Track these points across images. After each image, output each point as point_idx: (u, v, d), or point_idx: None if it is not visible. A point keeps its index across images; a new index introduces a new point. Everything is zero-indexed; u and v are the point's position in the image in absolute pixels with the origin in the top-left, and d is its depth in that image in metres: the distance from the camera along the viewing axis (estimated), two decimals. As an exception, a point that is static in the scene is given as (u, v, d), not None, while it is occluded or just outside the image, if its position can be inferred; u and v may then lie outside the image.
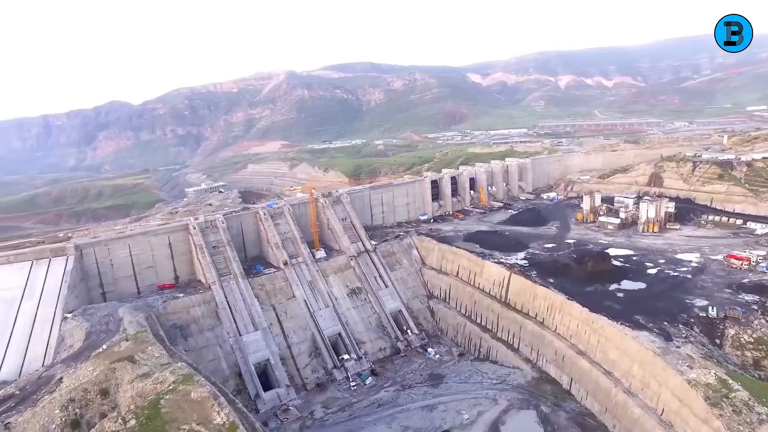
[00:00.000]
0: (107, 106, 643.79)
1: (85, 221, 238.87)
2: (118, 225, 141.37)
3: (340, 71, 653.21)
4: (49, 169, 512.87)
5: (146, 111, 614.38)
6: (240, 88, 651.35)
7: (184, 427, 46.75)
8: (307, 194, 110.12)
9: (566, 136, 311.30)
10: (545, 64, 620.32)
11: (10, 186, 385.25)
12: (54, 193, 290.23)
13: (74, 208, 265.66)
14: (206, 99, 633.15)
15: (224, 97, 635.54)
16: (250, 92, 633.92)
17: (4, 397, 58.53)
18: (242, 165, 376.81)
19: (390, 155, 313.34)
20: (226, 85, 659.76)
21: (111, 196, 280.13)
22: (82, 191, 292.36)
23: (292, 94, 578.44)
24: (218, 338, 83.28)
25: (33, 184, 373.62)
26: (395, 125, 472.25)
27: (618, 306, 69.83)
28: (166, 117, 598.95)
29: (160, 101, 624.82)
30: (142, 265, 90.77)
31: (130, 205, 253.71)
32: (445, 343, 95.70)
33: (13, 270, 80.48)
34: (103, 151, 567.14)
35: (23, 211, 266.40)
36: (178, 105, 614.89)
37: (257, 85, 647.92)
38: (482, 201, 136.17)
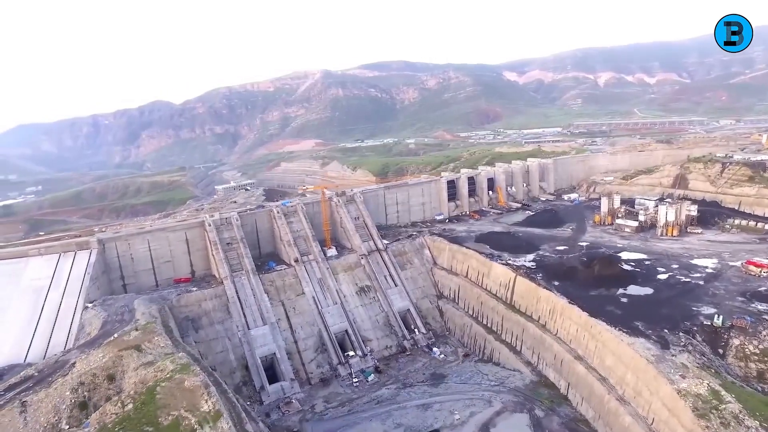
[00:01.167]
0: (150, 106, 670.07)
1: (124, 216, 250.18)
2: (148, 221, 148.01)
3: (375, 70, 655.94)
4: (97, 166, 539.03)
5: (187, 110, 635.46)
6: (276, 87, 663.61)
7: (173, 413, 49.43)
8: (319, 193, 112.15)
9: (601, 135, 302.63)
10: (584, 61, 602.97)
11: (62, 182, 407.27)
12: (97, 190, 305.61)
13: (115, 203, 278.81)
14: (243, 98, 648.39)
15: (261, 96, 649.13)
16: (286, 91, 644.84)
17: (24, 377, 63.12)
18: (275, 163, 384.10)
19: (421, 154, 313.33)
20: (263, 85, 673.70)
21: (149, 193, 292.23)
22: (122, 187, 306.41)
23: (327, 93, 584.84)
24: (227, 331, 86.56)
25: (82, 181, 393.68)
26: (428, 124, 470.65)
27: (619, 311, 68.43)
28: (205, 116, 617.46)
29: (199, 101, 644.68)
30: (160, 260, 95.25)
31: (166, 201, 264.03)
32: (452, 343, 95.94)
33: (42, 261, 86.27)
34: (146, 149, 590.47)
35: (70, 206, 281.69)
36: (217, 104, 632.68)
37: (293, 84, 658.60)
38: (500, 201, 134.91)
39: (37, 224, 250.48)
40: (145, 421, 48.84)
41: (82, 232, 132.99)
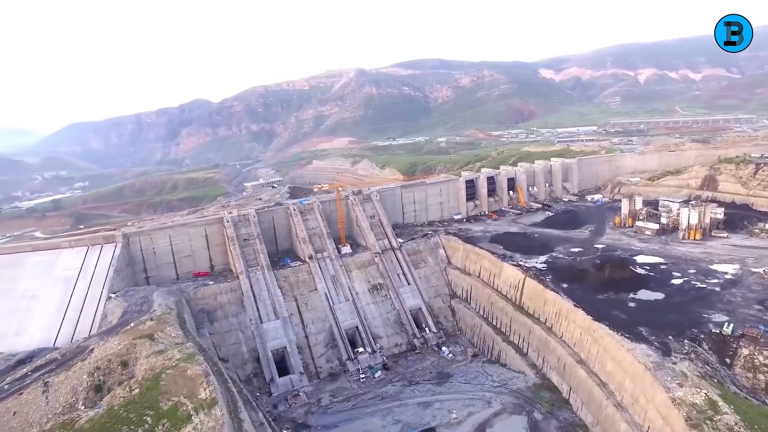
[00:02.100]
0: (190, 104, 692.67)
1: (161, 211, 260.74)
2: (178, 216, 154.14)
3: (409, 68, 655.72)
4: (139, 162, 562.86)
5: (224, 108, 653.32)
6: (311, 85, 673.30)
7: (174, 399, 52.17)
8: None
9: (638, 134, 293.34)
10: (624, 57, 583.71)
11: (107, 178, 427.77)
12: (137, 185, 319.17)
13: (152, 199, 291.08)
14: (279, 97, 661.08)
15: (296, 94, 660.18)
16: (321, 90, 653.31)
17: (48, 360, 67.61)
18: (307, 161, 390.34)
19: (452, 153, 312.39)
20: (298, 83, 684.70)
21: (184, 189, 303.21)
22: (160, 184, 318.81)
23: (361, 92, 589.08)
24: (241, 324, 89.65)
25: (124, 177, 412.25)
26: (461, 122, 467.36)
27: (624, 316, 67.10)
28: (241, 114, 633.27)
29: (236, 99, 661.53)
30: (181, 254, 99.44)
31: (200, 197, 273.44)
32: (462, 343, 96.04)
33: (73, 253, 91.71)
34: (185, 146, 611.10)
35: (111, 201, 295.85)
36: (253, 103, 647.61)
37: (328, 82, 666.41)
38: (520, 202, 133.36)
39: (81, 218, 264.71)
40: (147, 405, 51.76)
41: (117, 225, 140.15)
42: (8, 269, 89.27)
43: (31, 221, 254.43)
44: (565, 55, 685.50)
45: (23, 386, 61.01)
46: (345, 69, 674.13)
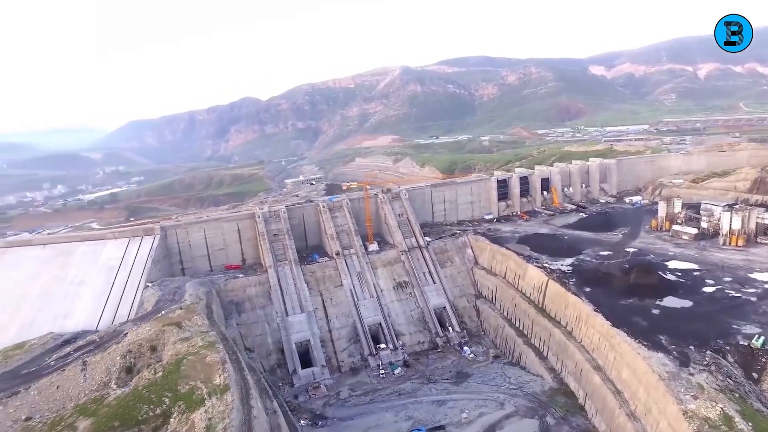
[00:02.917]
0: (240, 102, 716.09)
1: (207, 205, 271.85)
2: (218, 210, 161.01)
3: (454, 66, 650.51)
4: (191, 158, 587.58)
5: (272, 106, 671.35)
6: (356, 83, 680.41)
7: (191, 383, 55.43)
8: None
9: (693, 133, 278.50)
10: (681, 51, 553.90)
11: (160, 173, 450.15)
12: (186, 181, 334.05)
13: (200, 194, 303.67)
14: (325, 95, 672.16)
15: (341, 92, 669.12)
16: (366, 88, 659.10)
17: (88, 342, 72.98)
18: (350, 158, 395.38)
19: (494, 152, 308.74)
20: (344, 81, 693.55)
21: (229, 185, 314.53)
22: (207, 179, 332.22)
23: (405, 90, 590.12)
24: (267, 316, 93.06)
25: (175, 172, 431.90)
26: (505, 121, 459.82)
27: (645, 323, 64.94)
28: (288, 112, 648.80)
29: (283, 97, 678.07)
30: (214, 247, 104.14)
31: (244, 192, 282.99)
32: (485, 343, 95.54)
33: (116, 244, 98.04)
34: (234, 143, 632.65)
35: (162, 195, 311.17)
36: (300, 100, 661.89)
37: (373, 80, 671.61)
38: (554, 202, 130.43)
39: (134, 210, 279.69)
40: (167, 388, 55.29)
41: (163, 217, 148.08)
42: (61, 257, 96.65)
43: (91, 213, 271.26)
44: (617, 51, 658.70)
45: (66, 364, 66.38)
46: (390, 67, 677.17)
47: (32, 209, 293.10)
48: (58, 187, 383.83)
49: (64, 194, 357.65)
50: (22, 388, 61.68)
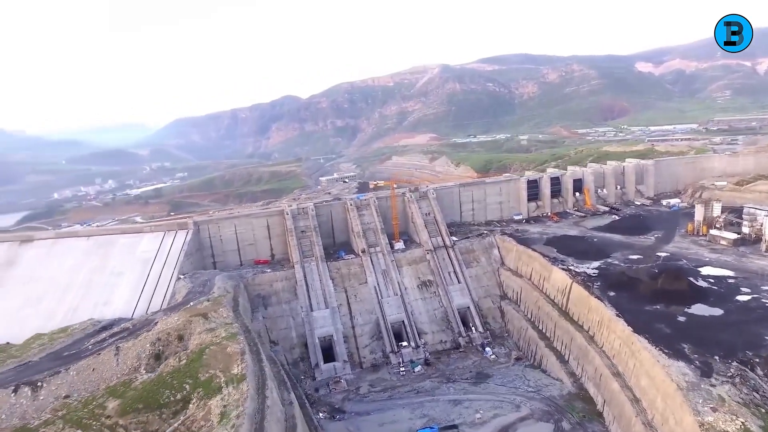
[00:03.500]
0: (281, 100, 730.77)
1: (246, 201, 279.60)
2: (252, 207, 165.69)
3: (494, 64, 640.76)
4: (233, 155, 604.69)
5: (312, 104, 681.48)
6: (395, 81, 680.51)
7: (210, 371, 57.99)
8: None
9: (747, 132, 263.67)
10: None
11: (202, 169, 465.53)
12: (226, 177, 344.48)
13: (239, 190, 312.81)
14: (364, 93, 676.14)
15: (380, 90, 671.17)
16: (405, 86, 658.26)
17: (122, 329, 77.32)
18: (387, 157, 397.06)
19: (533, 151, 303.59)
20: (382, 80, 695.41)
21: (268, 181, 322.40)
22: (246, 176, 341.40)
23: (444, 88, 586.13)
24: (292, 311, 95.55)
25: (217, 168, 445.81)
26: (545, 120, 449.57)
27: (668, 330, 62.82)
28: (327, 110, 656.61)
29: (323, 95, 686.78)
30: (244, 242, 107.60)
31: (281, 189, 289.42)
32: (508, 345, 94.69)
33: (152, 237, 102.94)
34: (274, 141, 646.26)
35: (203, 191, 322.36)
36: (339, 99, 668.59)
37: (412, 78, 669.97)
38: (587, 204, 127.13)
39: (177, 205, 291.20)
40: (188, 375, 58.11)
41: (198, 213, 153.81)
42: (103, 248, 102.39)
43: (137, 207, 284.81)
44: (667, 46, 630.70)
45: (101, 348, 70.65)
46: (429, 65, 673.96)
47: (85, 203, 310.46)
48: (108, 182, 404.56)
49: (114, 189, 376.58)
50: (63, 369, 66.21)
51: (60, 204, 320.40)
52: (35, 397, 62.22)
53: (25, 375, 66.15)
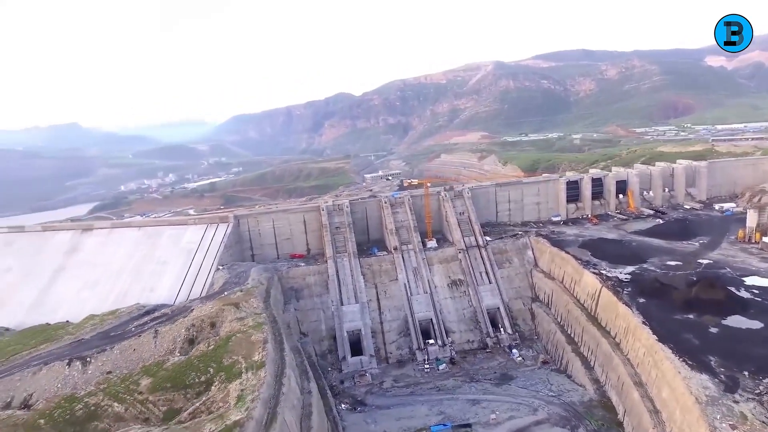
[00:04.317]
0: (334, 98, 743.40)
1: (295, 196, 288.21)
2: (297, 203, 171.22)
3: (550, 60, 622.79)
4: (287, 151, 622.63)
5: (364, 101, 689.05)
6: (448, 79, 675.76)
7: (234, 357, 61.60)
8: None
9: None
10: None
11: (257, 164, 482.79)
12: (277, 172, 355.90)
13: (288, 185, 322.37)
14: (416, 90, 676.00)
15: (433, 88, 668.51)
16: (458, 83, 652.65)
17: (162, 314, 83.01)
18: (436, 155, 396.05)
19: (585, 150, 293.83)
20: (435, 77, 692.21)
21: (316, 178, 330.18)
22: (296, 171, 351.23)
23: (497, 85, 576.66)
24: (323, 304, 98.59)
25: (270, 164, 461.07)
26: (602, 118, 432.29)
27: (697, 341, 60.06)
28: (379, 107, 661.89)
29: (376, 93, 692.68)
30: (281, 236, 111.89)
31: (329, 185, 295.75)
32: (537, 348, 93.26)
33: (195, 229, 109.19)
34: (327, 137, 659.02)
35: (255, 186, 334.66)
36: (391, 96, 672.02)
37: (465, 76, 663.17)
38: (630, 207, 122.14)
39: (230, 199, 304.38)
40: (213, 359, 62.04)
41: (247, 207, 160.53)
42: (152, 239, 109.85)
43: (193, 200, 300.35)
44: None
45: (142, 331, 76.50)
46: (483, 62, 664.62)
47: (146, 195, 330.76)
48: (169, 176, 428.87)
49: (174, 182, 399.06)
50: (108, 347, 72.50)
51: (125, 196, 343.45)
52: (84, 371, 68.64)
53: (78, 351, 72.99)
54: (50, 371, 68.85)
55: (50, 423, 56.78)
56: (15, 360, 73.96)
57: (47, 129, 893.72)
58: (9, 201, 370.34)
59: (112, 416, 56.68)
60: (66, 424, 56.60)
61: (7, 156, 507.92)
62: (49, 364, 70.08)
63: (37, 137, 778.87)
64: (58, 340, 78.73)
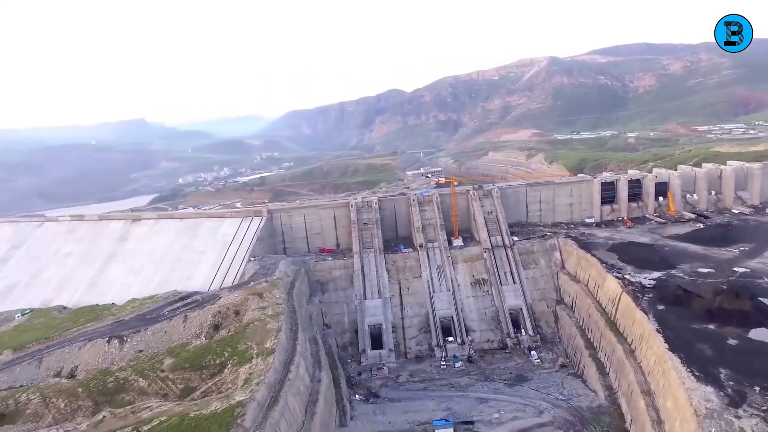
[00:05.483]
0: (386, 94, 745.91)
1: (340, 192, 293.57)
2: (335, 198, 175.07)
3: (608, 55, 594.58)
4: (338, 147, 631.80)
5: (415, 98, 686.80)
6: (501, 75, 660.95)
7: (248, 343, 65.72)
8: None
9: None
10: None
11: (307, 160, 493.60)
12: (325, 168, 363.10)
13: (335, 181, 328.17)
14: (468, 86, 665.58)
15: (485, 84, 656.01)
16: (510, 80, 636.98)
17: (193, 300, 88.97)
18: (484, 152, 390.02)
19: (639, 150, 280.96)
20: (487, 73, 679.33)
21: (363, 174, 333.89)
22: (344, 167, 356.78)
23: (551, 82, 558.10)
24: (347, 298, 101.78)
25: (321, 159, 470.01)
26: (662, 115, 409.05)
27: (711, 353, 57.83)
28: (430, 104, 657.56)
29: (427, 89, 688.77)
30: (312, 231, 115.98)
31: (374, 182, 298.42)
32: (557, 351, 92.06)
33: (231, 222, 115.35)
34: (377, 134, 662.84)
35: (303, 180, 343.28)
36: (442, 93, 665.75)
37: (518, 72, 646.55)
38: (670, 210, 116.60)
39: (278, 193, 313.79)
40: (229, 344, 66.52)
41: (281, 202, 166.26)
42: (192, 230, 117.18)
43: (243, 193, 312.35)
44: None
45: (174, 315, 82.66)
46: (537, 58, 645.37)
47: (201, 188, 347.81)
48: (224, 170, 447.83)
49: (228, 176, 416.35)
50: (143, 329, 79.03)
51: (182, 188, 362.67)
52: (121, 348, 75.36)
53: (117, 330, 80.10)
54: (93, 347, 76.18)
55: (86, 392, 63.33)
56: (66, 335, 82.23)
57: (116, 124, 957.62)
58: (82, 191, 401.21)
59: (136, 390, 62.44)
60: (99, 393, 62.96)
61: (81, 150, 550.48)
62: (92, 340, 77.56)
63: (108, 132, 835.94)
64: (103, 319, 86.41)
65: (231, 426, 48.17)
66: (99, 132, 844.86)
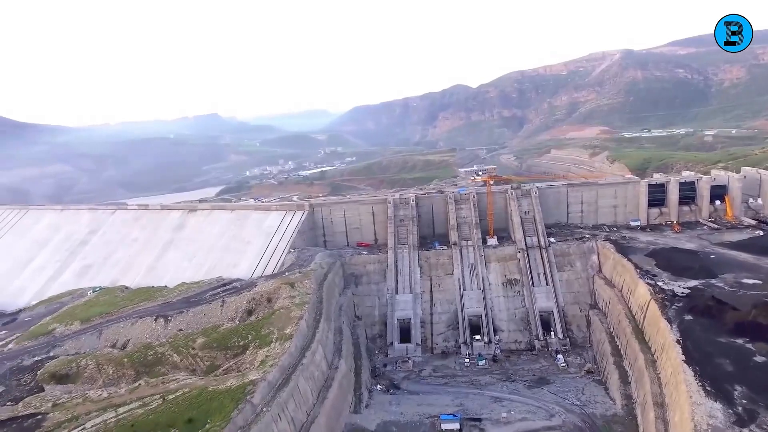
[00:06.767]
0: (451, 89, 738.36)
1: (397, 187, 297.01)
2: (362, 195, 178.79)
3: (689, 46, 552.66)
4: (401, 142, 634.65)
5: (480, 94, 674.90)
6: (569, 70, 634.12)
7: (270, 328, 70.70)
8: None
9: None
10: None
11: (370, 155, 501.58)
12: (384, 163, 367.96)
13: (393, 176, 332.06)
14: (534, 82, 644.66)
15: (552, 79, 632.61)
16: (579, 74, 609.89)
17: (232, 287, 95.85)
18: (546, 150, 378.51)
19: (718, 149, 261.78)
20: (555, 68, 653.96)
21: (420, 170, 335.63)
22: (402, 163, 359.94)
23: (623, 76, 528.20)
24: (379, 291, 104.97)
25: (383, 154, 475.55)
26: (750, 111, 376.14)
27: (731, 368, 55.00)
28: (495, 100, 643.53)
29: (492, 85, 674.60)
30: (351, 225, 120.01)
31: (429, 178, 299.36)
32: (586, 356, 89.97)
33: (276, 215, 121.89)
34: (441, 129, 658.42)
35: (361, 175, 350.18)
36: (508, 88, 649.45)
37: (588, 66, 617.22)
38: (727, 215, 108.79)
39: (336, 187, 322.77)
40: (254, 329, 71.94)
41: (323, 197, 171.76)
42: (240, 220, 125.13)
43: (303, 187, 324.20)
44: None
45: (214, 299, 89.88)
46: (609, 51, 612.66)
47: (265, 180, 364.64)
48: (289, 163, 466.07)
49: (292, 169, 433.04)
50: (186, 310, 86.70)
51: (248, 181, 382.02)
52: (165, 326, 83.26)
53: (164, 310, 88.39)
54: (143, 324, 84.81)
55: (130, 362, 71.18)
56: (123, 312, 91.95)
57: (193, 119, 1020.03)
58: (158, 182, 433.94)
59: (170, 364, 69.34)
60: (140, 364, 70.54)
61: (160, 143, 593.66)
62: (143, 318, 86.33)
63: (185, 126, 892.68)
64: (154, 300, 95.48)
65: (241, 401, 52.89)
66: (177, 126, 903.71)
